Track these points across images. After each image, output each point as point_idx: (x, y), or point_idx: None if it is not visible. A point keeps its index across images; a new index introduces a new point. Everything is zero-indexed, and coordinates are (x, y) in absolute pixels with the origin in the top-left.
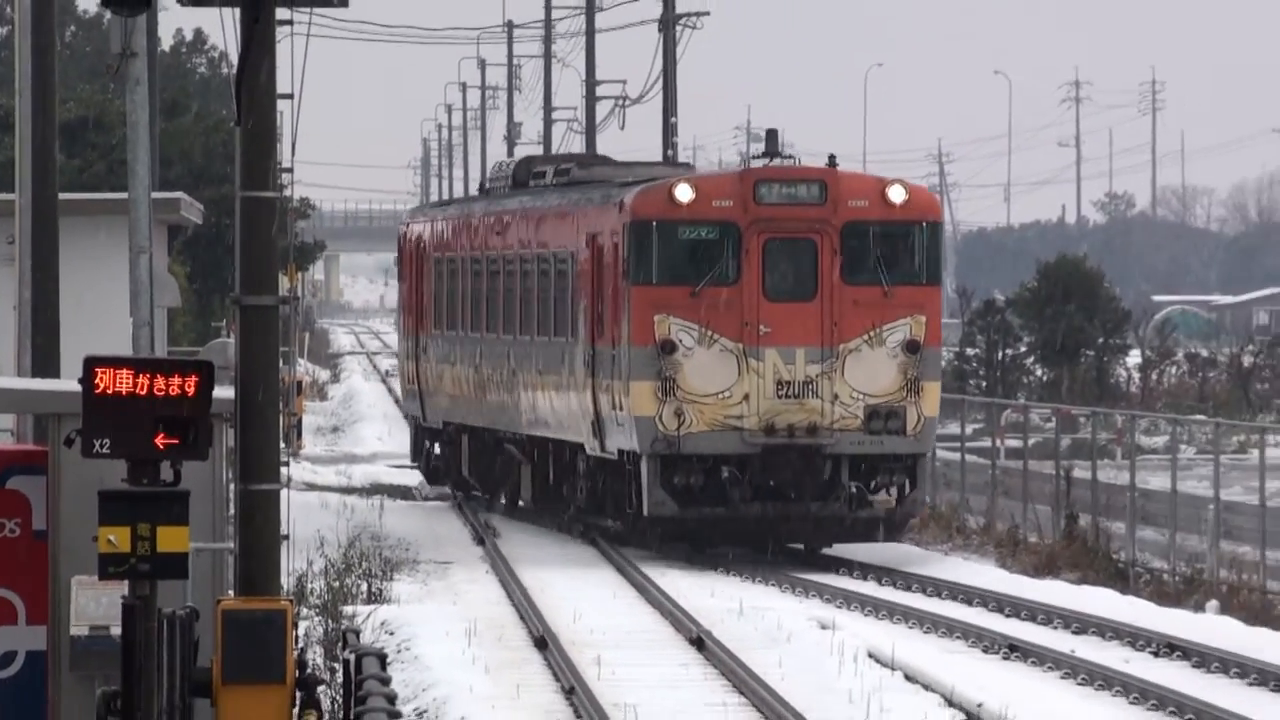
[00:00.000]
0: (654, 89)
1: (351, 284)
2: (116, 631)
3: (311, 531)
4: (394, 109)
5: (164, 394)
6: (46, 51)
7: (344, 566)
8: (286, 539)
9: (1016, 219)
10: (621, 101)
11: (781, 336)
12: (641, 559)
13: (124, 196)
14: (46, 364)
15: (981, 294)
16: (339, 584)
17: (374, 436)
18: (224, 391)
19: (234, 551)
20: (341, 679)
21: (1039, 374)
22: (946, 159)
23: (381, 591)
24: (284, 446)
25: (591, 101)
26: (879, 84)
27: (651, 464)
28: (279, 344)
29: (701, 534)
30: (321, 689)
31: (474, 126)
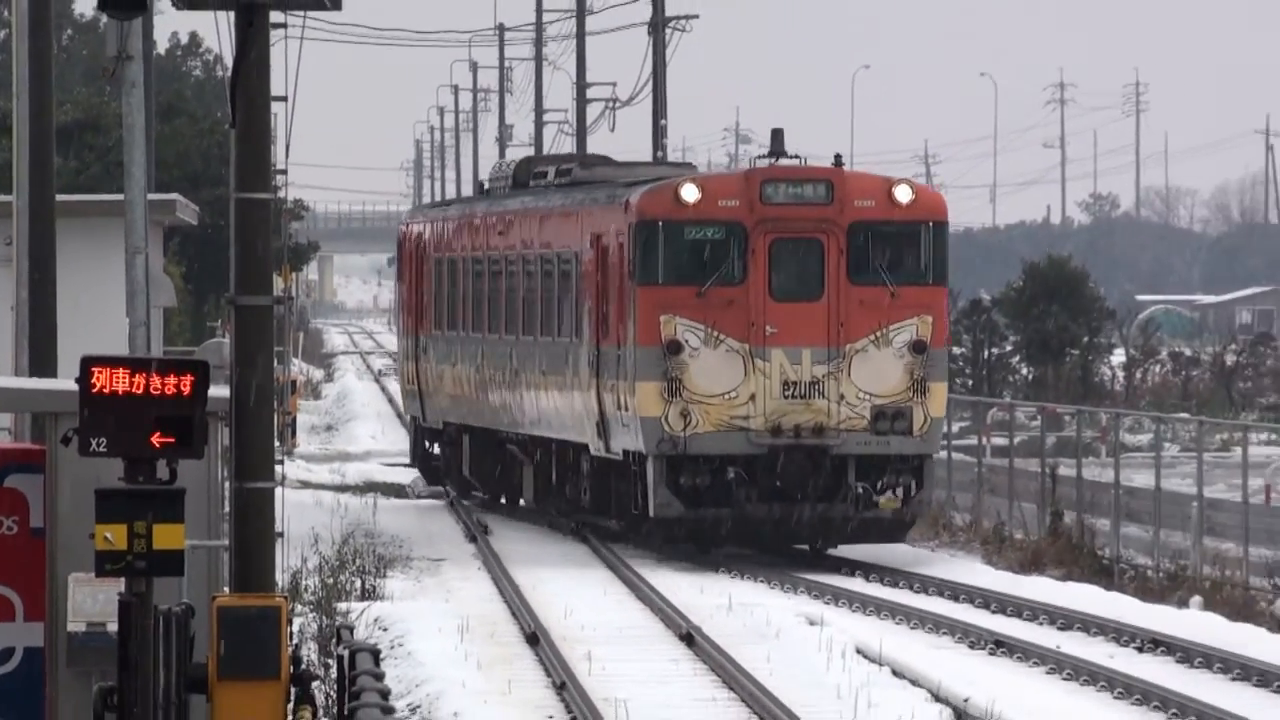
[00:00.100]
0: (644, 91)
1: (345, 284)
2: (113, 628)
3: (306, 529)
4: (386, 111)
5: (160, 393)
6: (44, 55)
7: (338, 563)
8: (281, 536)
9: (1002, 219)
10: (612, 104)
11: (788, 337)
12: (631, 556)
13: (120, 198)
14: (44, 363)
15: (968, 294)
16: (333, 581)
17: (367, 435)
18: (219, 390)
19: (229, 548)
20: (335, 674)
21: (1024, 373)
22: (933, 160)
23: (375, 588)
24: (278, 445)
25: (582, 104)
26: (866, 86)
27: (657, 465)
28: (273, 344)
29: (707, 535)
30: (316, 684)
31: (466, 128)
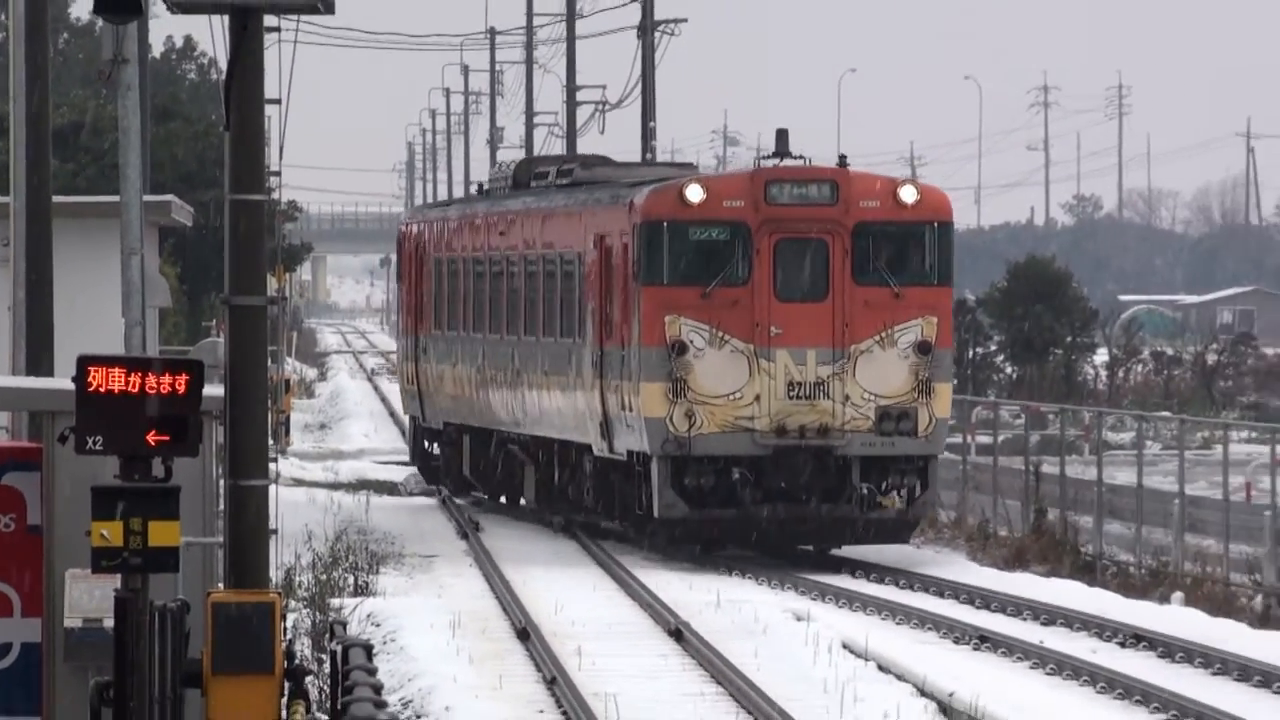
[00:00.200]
0: (633, 94)
1: (338, 284)
2: (109, 623)
3: (299, 526)
4: (379, 114)
5: (155, 392)
6: (40, 58)
7: (331, 560)
8: (275, 533)
9: (987, 221)
10: (601, 106)
11: (793, 337)
12: (621, 553)
13: (116, 199)
14: (41, 363)
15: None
16: (326, 577)
17: (360, 433)
18: (214, 389)
19: (224, 545)
20: (329, 669)
21: (1009, 372)
22: (919, 162)
23: (368, 584)
24: (272, 443)
25: (572, 106)
26: (853, 89)
27: (662, 465)
28: (267, 343)
29: (712, 536)
30: (309, 679)
31: (457, 131)
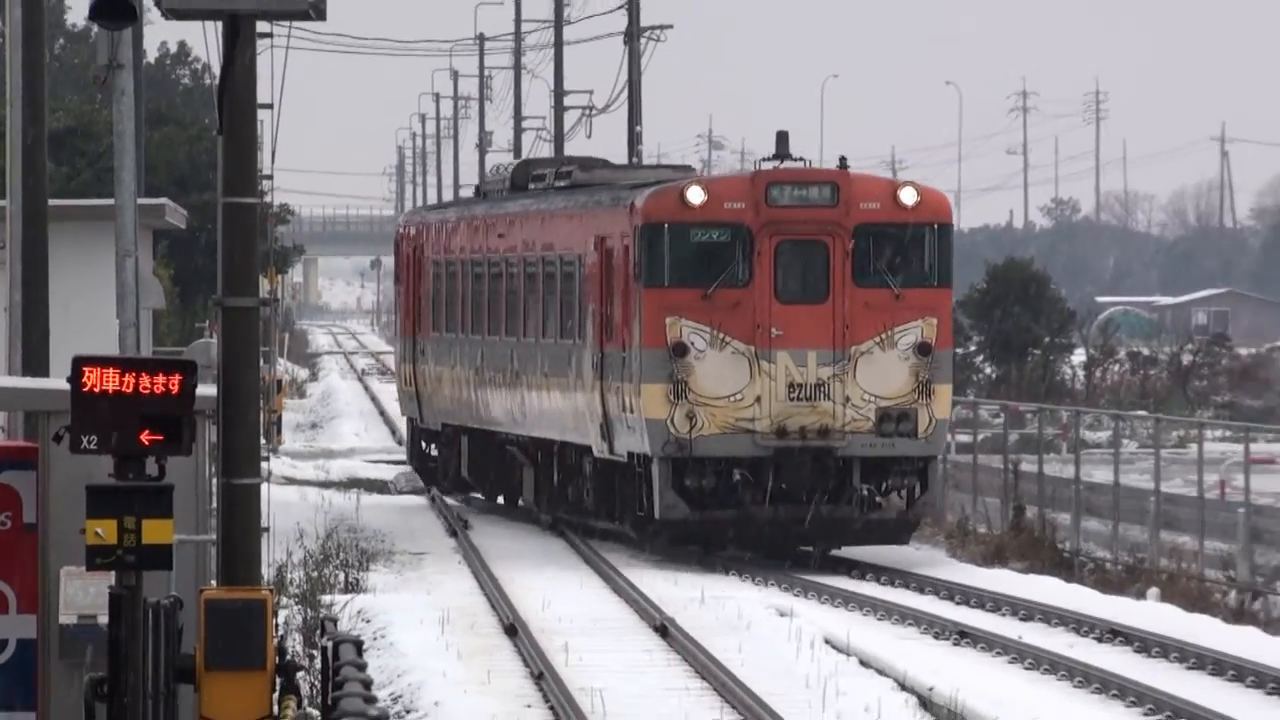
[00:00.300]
0: (619, 99)
1: (329, 286)
2: (104, 620)
3: (291, 524)
4: (370, 118)
5: (149, 392)
6: (37, 63)
7: (322, 557)
8: (267, 531)
9: (966, 224)
10: (588, 111)
11: (793, 339)
12: (607, 550)
13: (111, 203)
14: (36, 363)
15: None
16: (317, 574)
17: (351, 433)
18: (207, 389)
19: (216, 543)
20: (320, 665)
21: (988, 371)
22: (900, 166)
23: (358, 581)
24: (264, 442)
25: (560, 111)
26: (835, 94)
27: (663, 467)
28: (259, 344)
29: (713, 537)
30: (300, 675)
31: (447, 135)
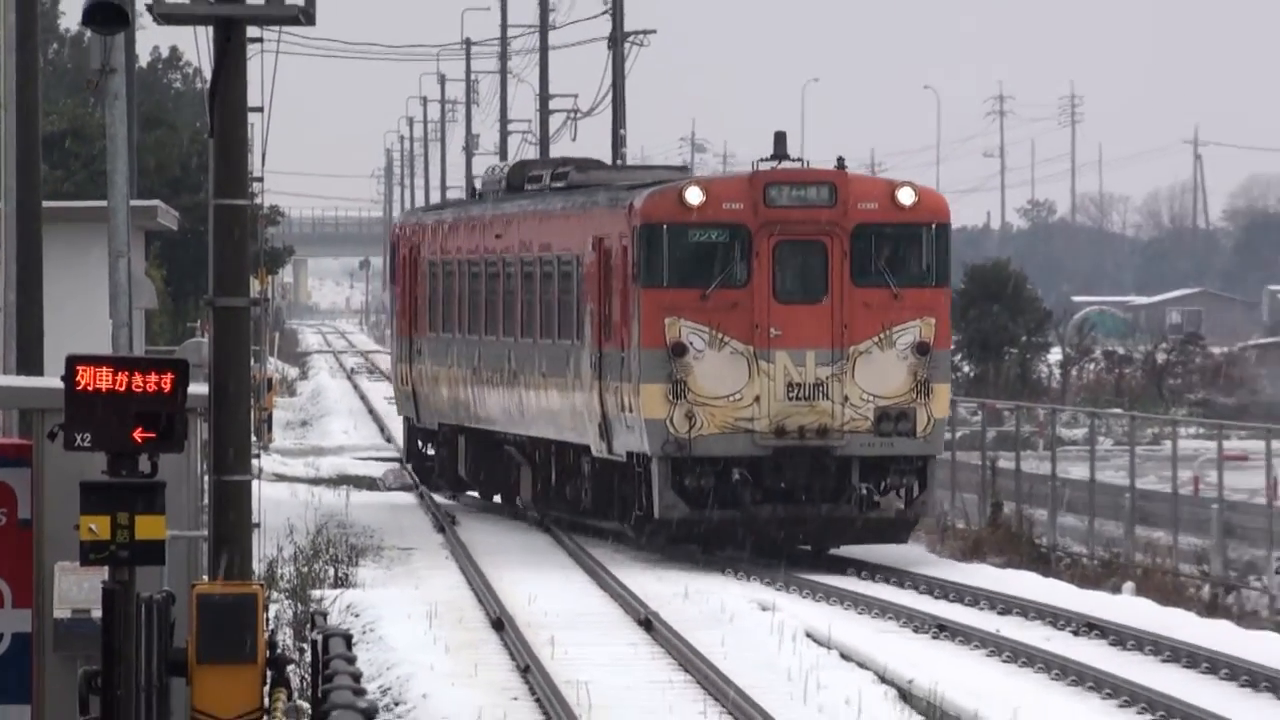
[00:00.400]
0: (604, 102)
1: (319, 287)
2: (97, 614)
3: (281, 520)
4: (358, 121)
5: (142, 390)
6: (31, 67)
7: (312, 553)
8: (257, 527)
9: None
10: (573, 114)
11: (792, 339)
12: (593, 546)
13: (104, 204)
14: (31, 362)
15: None
16: (307, 569)
17: (340, 430)
18: (198, 388)
19: (208, 538)
20: (310, 658)
21: (966, 370)
22: (879, 168)
23: (347, 576)
24: (255, 440)
25: (545, 114)
26: (815, 98)
27: (662, 466)
28: (250, 343)
29: (712, 536)
30: (291, 668)
31: (434, 138)
